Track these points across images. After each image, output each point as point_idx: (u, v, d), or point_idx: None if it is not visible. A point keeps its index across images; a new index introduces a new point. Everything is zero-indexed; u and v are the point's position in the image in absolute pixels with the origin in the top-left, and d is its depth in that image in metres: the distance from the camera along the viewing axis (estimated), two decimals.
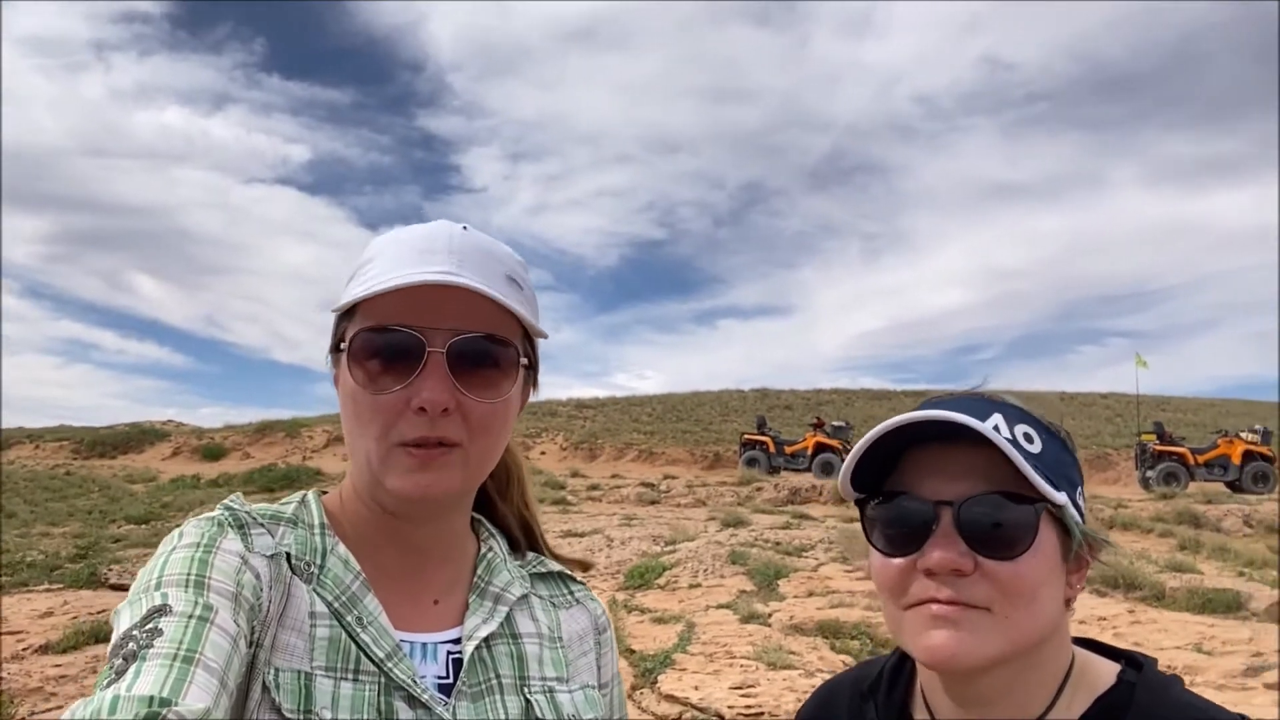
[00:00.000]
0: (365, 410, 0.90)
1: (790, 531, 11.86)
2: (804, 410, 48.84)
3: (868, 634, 6.37)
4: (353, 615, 0.90)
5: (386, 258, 0.93)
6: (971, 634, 0.84)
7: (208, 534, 0.87)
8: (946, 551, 0.85)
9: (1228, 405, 58.45)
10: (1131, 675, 0.93)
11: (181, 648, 0.73)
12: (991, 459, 0.87)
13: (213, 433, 41.68)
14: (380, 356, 0.90)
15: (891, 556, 0.90)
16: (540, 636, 1.03)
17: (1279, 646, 6.60)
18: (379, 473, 0.91)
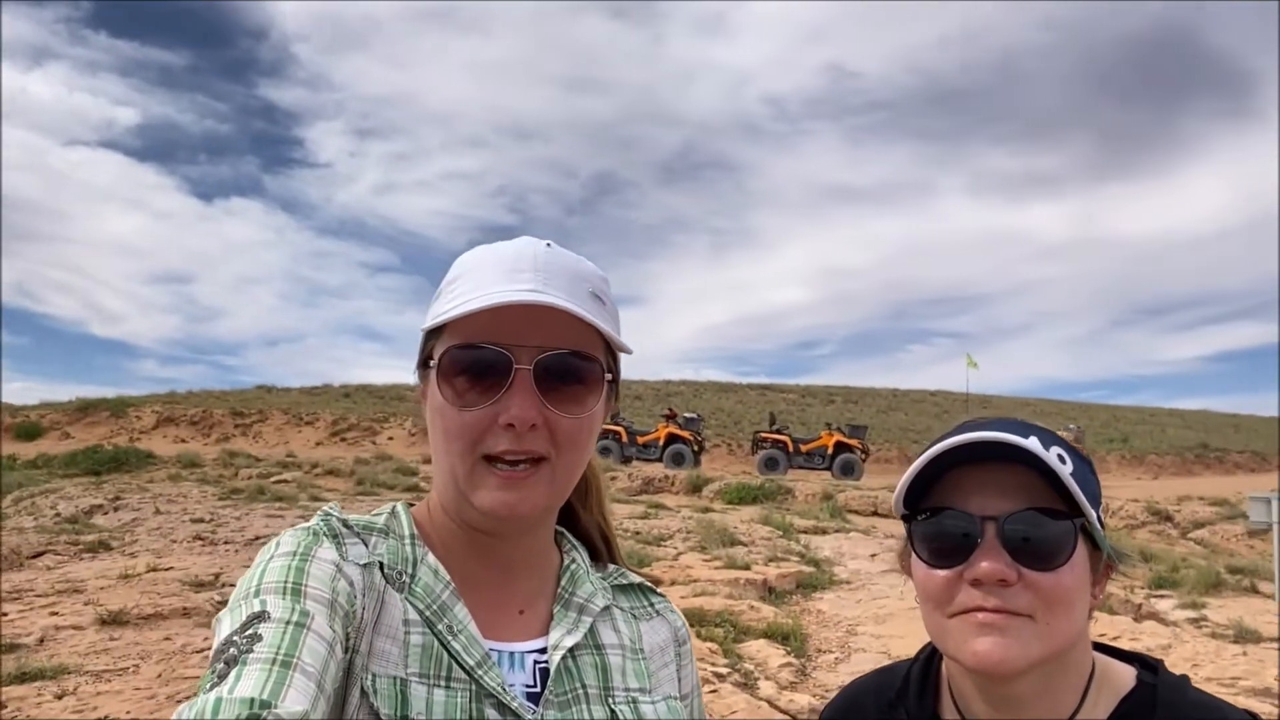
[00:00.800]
0: (453, 426, 0.92)
1: (649, 521, 12.04)
2: (654, 401, 49.55)
3: (731, 621, 6.55)
4: (443, 623, 0.92)
5: (473, 276, 0.94)
6: (1017, 640, 0.91)
7: (304, 543, 0.89)
8: (994, 563, 0.91)
9: (1041, 405, 62.74)
10: (1149, 677, 1.01)
11: (280, 652, 0.75)
12: (1028, 478, 0.94)
13: (27, 410, 38.79)
14: (469, 373, 0.91)
15: (937, 568, 0.96)
16: (623, 648, 1.05)
17: (1099, 632, 7.18)
18: (466, 489, 0.92)
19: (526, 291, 0.90)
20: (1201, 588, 10.06)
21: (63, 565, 9.40)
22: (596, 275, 1.00)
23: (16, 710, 4.53)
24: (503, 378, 0.90)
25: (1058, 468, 0.91)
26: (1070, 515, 0.94)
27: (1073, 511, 0.94)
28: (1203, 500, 18.80)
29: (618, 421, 28.70)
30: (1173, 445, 45.48)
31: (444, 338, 0.94)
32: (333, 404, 43.60)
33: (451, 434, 0.92)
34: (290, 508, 13.84)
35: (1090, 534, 0.97)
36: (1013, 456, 0.94)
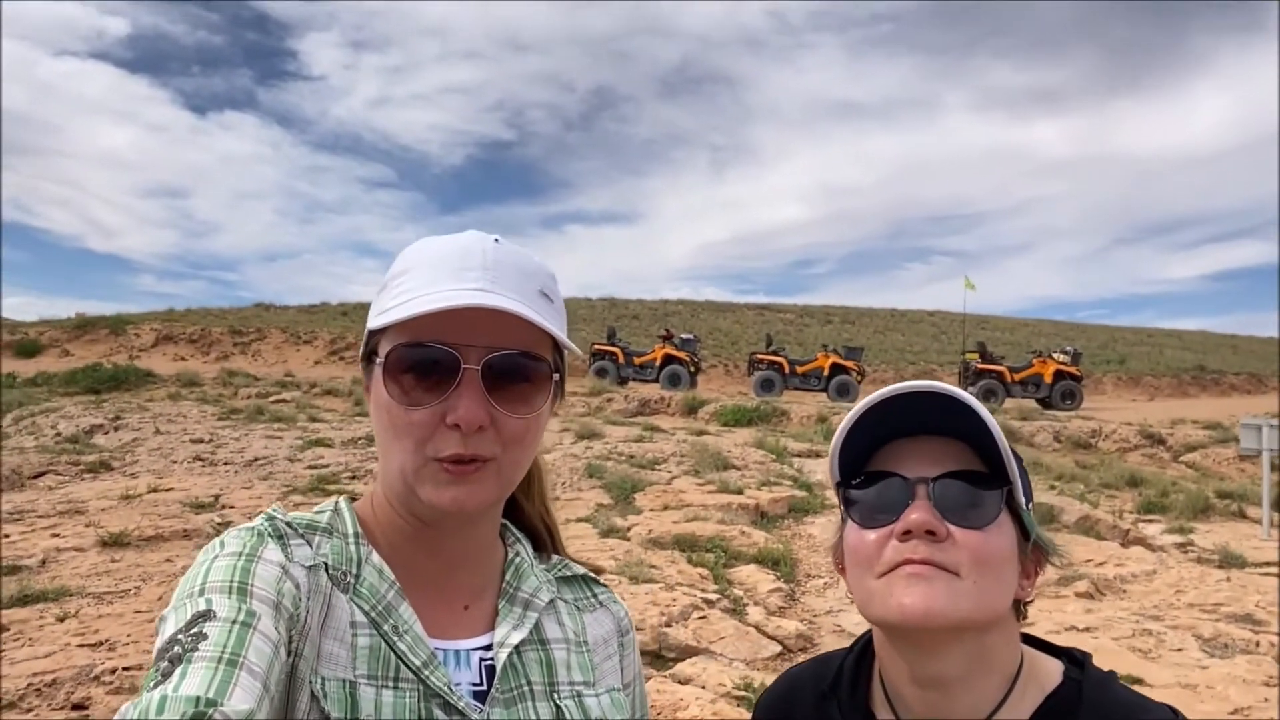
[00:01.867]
0: (400, 424, 0.91)
1: (643, 444, 12.12)
2: (651, 321, 49.51)
3: (722, 547, 6.64)
4: (389, 624, 0.92)
5: (420, 272, 0.93)
6: (944, 591, 0.92)
7: (249, 543, 0.88)
8: (923, 514, 0.94)
9: (1039, 325, 62.76)
10: (1076, 673, 1.03)
11: (226, 651, 0.74)
12: (960, 451, 0.97)
13: (26, 327, 38.77)
14: (415, 371, 0.91)
15: (870, 529, 0.98)
16: (567, 642, 1.06)
17: (1086, 558, 7.31)
18: (413, 484, 0.92)
19: (475, 291, 0.89)
20: (1190, 513, 10.19)
21: (64, 485, 9.51)
22: (544, 272, 1.00)
23: (19, 633, 4.61)
24: (450, 377, 0.90)
25: (992, 425, 0.93)
26: (999, 484, 0.96)
27: (1002, 481, 0.96)
28: (1196, 423, 18.94)
29: (615, 343, 28.73)
30: (1170, 367, 45.60)
31: (390, 334, 0.93)
32: (330, 322, 43.58)
33: (398, 431, 0.92)
34: (289, 428, 13.94)
35: (1019, 517, 0.99)
36: (947, 429, 0.97)
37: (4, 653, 4.31)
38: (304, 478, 9.66)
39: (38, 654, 4.25)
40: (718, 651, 4.48)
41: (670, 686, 3.83)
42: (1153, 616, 5.73)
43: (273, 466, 10.48)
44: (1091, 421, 18.33)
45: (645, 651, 4.40)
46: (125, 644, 4.42)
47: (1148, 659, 4.82)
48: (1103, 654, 4.86)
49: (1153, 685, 4.39)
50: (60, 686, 3.89)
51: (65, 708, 3.77)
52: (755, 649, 4.61)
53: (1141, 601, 6.17)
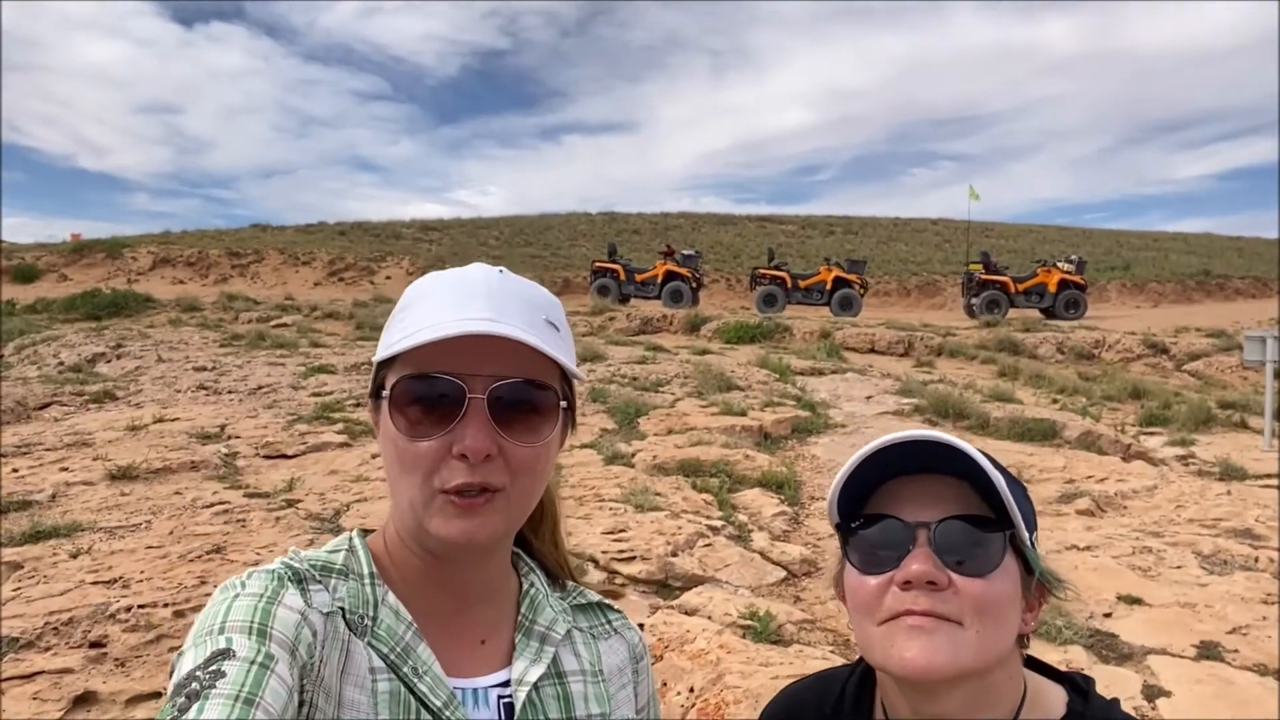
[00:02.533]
0: (407, 456, 0.91)
1: (646, 366, 12.13)
2: (651, 235, 49.15)
3: (726, 471, 6.69)
4: (408, 666, 0.93)
5: (425, 304, 0.94)
6: (946, 645, 0.91)
7: (270, 587, 0.89)
8: (924, 564, 0.93)
9: (1044, 232, 62.24)
10: (1079, 703, 1.03)
11: (244, 690, 0.76)
12: (961, 491, 0.96)
13: (23, 251, 38.56)
14: (421, 403, 0.91)
15: (869, 575, 0.97)
16: (584, 673, 1.06)
17: (1087, 474, 7.36)
18: (422, 517, 0.92)
19: (480, 321, 0.89)
20: (1192, 424, 10.23)
21: (70, 417, 9.55)
22: (549, 301, 1.00)
23: (33, 570, 4.67)
24: (456, 407, 0.90)
25: (993, 474, 0.92)
26: (1001, 527, 0.95)
27: (1004, 523, 0.95)
28: (1200, 331, 18.92)
29: (615, 260, 28.57)
30: (1174, 272, 45.36)
31: (396, 367, 0.93)
32: (328, 243, 43.28)
33: (406, 464, 0.92)
34: (291, 354, 13.94)
35: (1022, 554, 0.98)
36: (947, 468, 0.95)
37: (20, 591, 4.37)
38: (308, 405, 9.69)
39: (53, 592, 4.31)
40: (723, 579, 4.54)
41: (677, 618, 3.89)
42: (1153, 533, 5.78)
43: (276, 394, 10.51)
44: (1095, 332, 18.31)
45: (651, 581, 4.46)
46: (139, 581, 4.48)
47: (1147, 577, 4.88)
48: (1102, 573, 4.93)
49: (1151, 604, 4.46)
50: (77, 625, 3.95)
51: (83, 645, 3.83)
52: (760, 575, 4.67)
53: (1142, 518, 6.22)
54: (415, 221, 52.19)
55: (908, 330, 17.65)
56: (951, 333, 17.81)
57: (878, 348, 16.65)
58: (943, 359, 15.86)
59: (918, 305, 37.93)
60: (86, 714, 3.27)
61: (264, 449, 7.69)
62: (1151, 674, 3.72)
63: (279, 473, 6.93)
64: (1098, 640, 4.04)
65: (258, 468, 7.18)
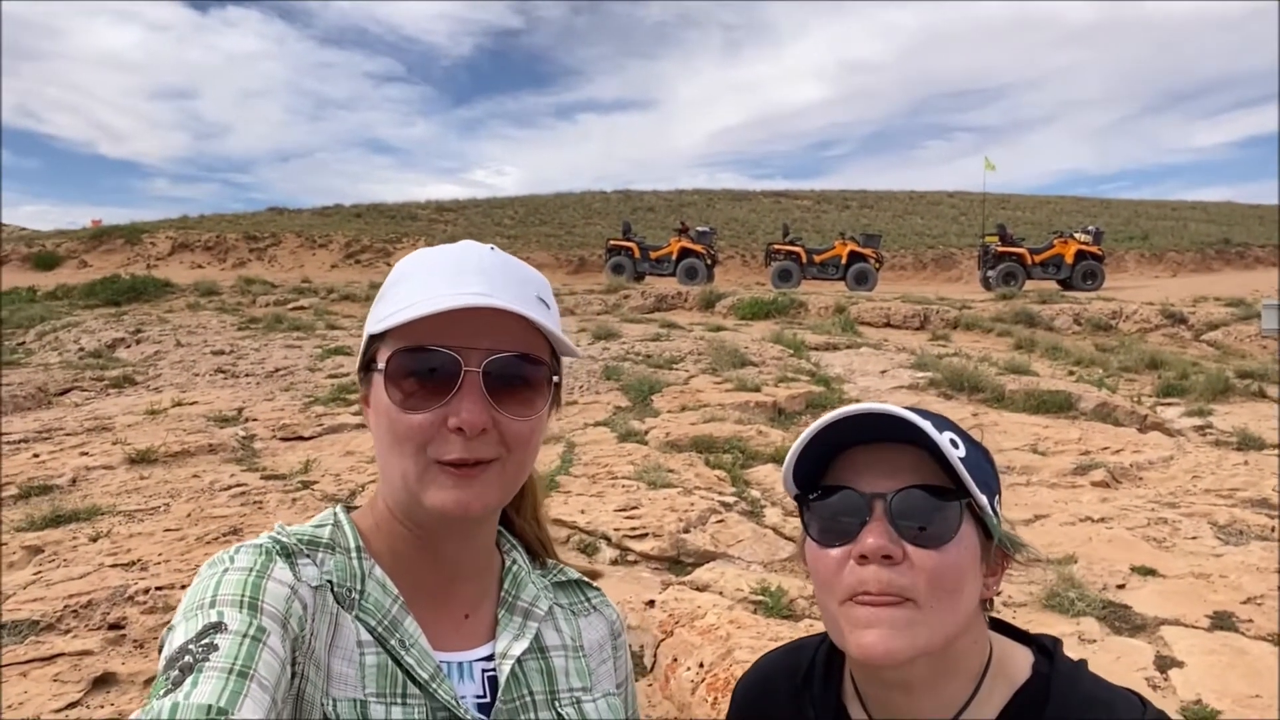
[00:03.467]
0: (400, 428, 0.92)
1: (660, 343, 12.12)
2: (666, 212, 49.00)
3: (739, 448, 6.69)
4: (395, 639, 0.94)
5: (417, 279, 0.95)
6: (902, 629, 0.92)
7: (260, 561, 0.90)
8: (879, 538, 0.93)
9: (1061, 203, 61.67)
10: (1044, 666, 1.03)
11: (237, 663, 0.76)
12: (919, 459, 0.96)
13: (44, 239, 38.88)
14: (416, 376, 0.92)
15: (828, 547, 0.98)
16: (565, 648, 1.08)
17: (1103, 445, 7.32)
18: (416, 490, 0.93)
19: (476, 295, 0.89)
20: (1209, 394, 10.15)
21: (90, 402, 9.66)
22: (539, 279, 1.01)
23: (54, 554, 4.74)
24: (451, 380, 0.91)
25: (946, 448, 0.92)
26: (959, 495, 0.94)
27: (961, 493, 0.94)
28: (1219, 300, 18.71)
29: (630, 237, 28.51)
30: (1193, 241, 44.86)
31: (389, 341, 0.93)
32: (345, 225, 43.39)
33: (400, 437, 0.92)
34: (308, 337, 14.02)
35: (982, 520, 0.98)
36: (905, 437, 0.95)
37: (41, 574, 4.43)
38: (325, 387, 9.76)
39: (73, 575, 4.37)
40: (735, 555, 4.55)
41: (689, 594, 3.91)
42: (1168, 504, 5.76)
43: (293, 377, 10.58)
44: (1112, 303, 18.15)
45: (664, 558, 4.48)
46: (157, 563, 4.53)
47: (1162, 548, 4.86)
48: (1117, 544, 4.91)
49: (1166, 575, 4.44)
50: (96, 607, 4.01)
51: (102, 628, 3.89)
52: (772, 551, 4.68)
53: (1158, 489, 6.19)
54: (431, 202, 52.30)
55: (923, 304, 17.54)
56: (967, 305, 17.69)
57: (893, 322, 16.57)
58: (959, 332, 15.77)
59: (934, 279, 37.70)
60: (106, 695, 3.33)
61: (281, 431, 7.75)
62: (1164, 645, 3.71)
63: (296, 454, 6.99)
64: (1110, 612, 4.03)
65: (274, 450, 7.24)
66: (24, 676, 3.38)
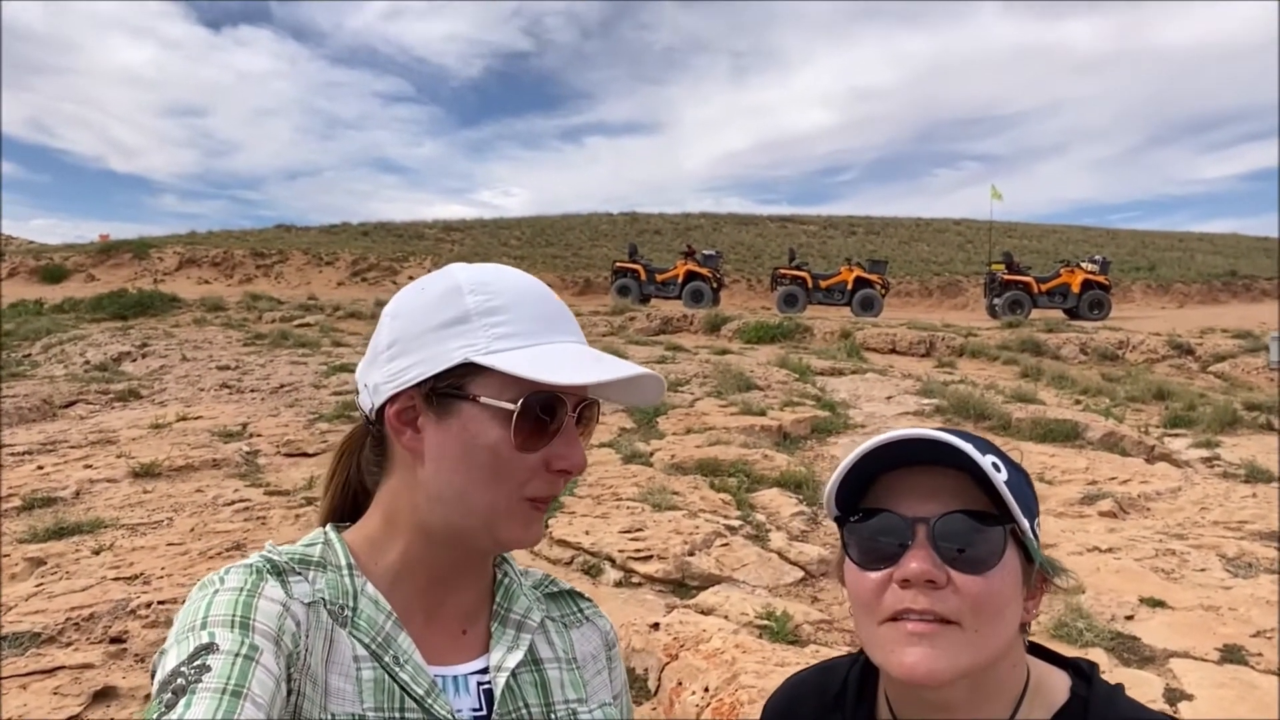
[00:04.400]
0: (507, 467, 0.95)
1: (666, 365, 12.12)
2: (673, 235, 49.10)
3: (744, 471, 6.67)
4: (389, 655, 0.94)
5: (520, 313, 0.97)
6: (945, 650, 0.91)
7: (250, 580, 0.89)
8: (923, 564, 0.92)
9: (1068, 232, 61.69)
10: (1082, 688, 1.02)
11: (230, 683, 0.76)
12: (960, 483, 0.95)
13: (52, 252, 39.04)
14: (539, 420, 0.95)
15: (869, 570, 0.96)
16: (559, 660, 1.08)
17: (1110, 475, 7.28)
18: (496, 521, 0.96)
19: (596, 366, 0.95)
20: (1217, 426, 10.10)
21: (95, 415, 9.66)
22: None
23: (56, 566, 4.72)
24: (557, 423, 0.95)
25: (991, 473, 0.91)
26: (1001, 521, 0.94)
27: (1004, 517, 0.93)
28: (1226, 332, 18.68)
29: (636, 260, 28.56)
30: (1200, 273, 44.82)
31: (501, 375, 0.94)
32: (352, 243, 43.52)
33: (502, 474, 0.95)
34: (313, 353, 14.03)
35: (1023, 543, 0.97)
36: (946, 460, 0.94)
37: (43, 586, 4.41)
38: (330, 404, 9.75)
39: (75, 587, 4.35)
40: (740, 579, 4.53)
41: (693, 618, 3.88)
42: (1176, 535, 5.72)
43: (298, 393, 10.58)
44: (1119, 332, 18.12)
45: (668, 581, 4.46)
46: (160, 577, 4.52)
47: (1170, 580, 4.83)
48: (1126, 575, 4.87)
49: (1175, 607, 4.41)
50: (98, 620, 3.99)
51: (104, 641, 3.87)
52: (778, 575, 4.65)
53: (1166, 520, 6.15)
54: (438, 222, 52.44)
55: (929, 330, 17.53)
56: (973, 333, 17.67)
57: (899, 348, 16.56)
58: (964, 360, 15.75)
59: (940, 306, 37.69)
60: (106, 709, 3.30)
61: (285, 447, 7.74)
62: (1174, 677, 3.68)
63: (300, 470, 6.98)
64: (1119, 643, 4.00)
65: (279, 465, 7.23)
66: (24, 689, 3.36)
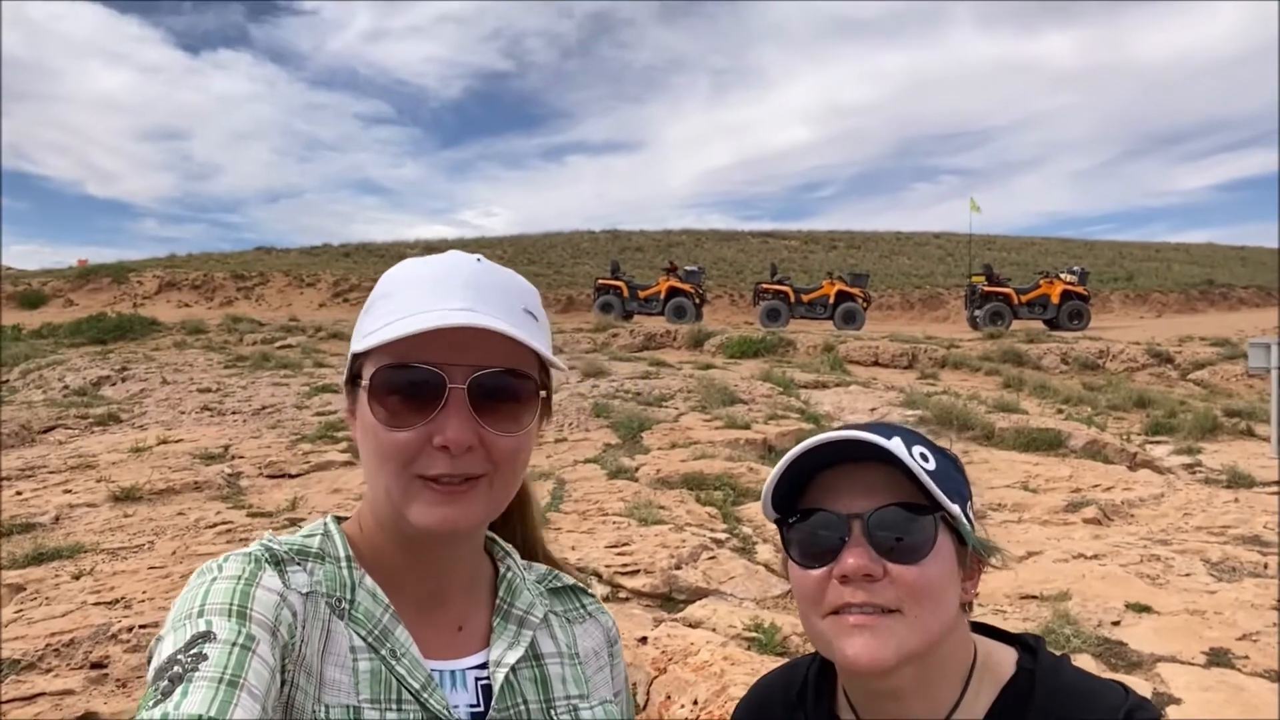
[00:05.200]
0: (386, 446, 0.91)
1: (650, 381, 12.11)
2: (655, 252, 49.24)
3: (730, 484, 6.66)
4: (386, 648, 0.93)
5: (403, 294, 0.93)
6: (887, 637, 0.94)
7: (248, 569, 0.89)
8: (859, 559, 0.95)
9: (1046, 244, 62.26)
10: (1029, 662, 1.05)
11: (227, 672, 0.75)
12: (891, 476, 0.98)
13: (30, 277, 38.76)
14: (401, 393, 0.90)
15: (809, 568, 1.00)
16: (560, 655, 1.06)
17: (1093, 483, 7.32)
18: (400, 505, 0.92)
19: (460, 311, 0.88)
20: (1198, 433, 10.18)
21: (74, 440, 9.55)
22: (527, 290, 0.99)
23: (35, 592, 4.66)
24: (436, 397, 0.89)
25: (915, 468, 0.94)
26: (932, 510, 0.97)
27: (935, 506, 0.97)
28: (1204, 340, 18.87)
29: (618, 276, 28.62)
30: (1177, 282, 45.30)
31: (374, 356, 0.92)
32: (333, 264, 43.43)
33: (385, 454, 0.91)
34: (295, 375, 13.96)
35: (956, 528, 1.00)
36: (877, 455, 0.97)
37: (22, 612, 4.35)
38: (312, 425, 9.69)
39: (55, 613, 4.29)
40: (728, 592, 4.51)
41: (681, 631, 3.86)
42: (1160, 541, 5.74)
43: (280, 414, 10.52)
44: (1099, 342, 18.27)
45: (656, 595, 4.44)
46: (141, 601, 4.46)
47: (1155, 585, 4.84)
48: (1111, 581, 4.88)
49: (1160, 612, 4.42)
50: (79, 646, 3.93)
51: (84, 666, 3.81)
52: (765, 587, 4.64)
53: (1149, 526, 6.18)
54: (419, 242, 52.42)
55: (911, 343, 17.61)
56: (955, 345, 17.76)
57: (881, 360, 16.62)
58: (947, 371, 15.82)
59: (921, 318, 37.91)
60: None
61: (267, 468, 7.68)
62: (1161, 681, 3.68)
63: (282, 492, 6.92)
64: (1106, 648, 4.00)
65: (261, 487, 7.17)
66: (3, 716, 3.30)
